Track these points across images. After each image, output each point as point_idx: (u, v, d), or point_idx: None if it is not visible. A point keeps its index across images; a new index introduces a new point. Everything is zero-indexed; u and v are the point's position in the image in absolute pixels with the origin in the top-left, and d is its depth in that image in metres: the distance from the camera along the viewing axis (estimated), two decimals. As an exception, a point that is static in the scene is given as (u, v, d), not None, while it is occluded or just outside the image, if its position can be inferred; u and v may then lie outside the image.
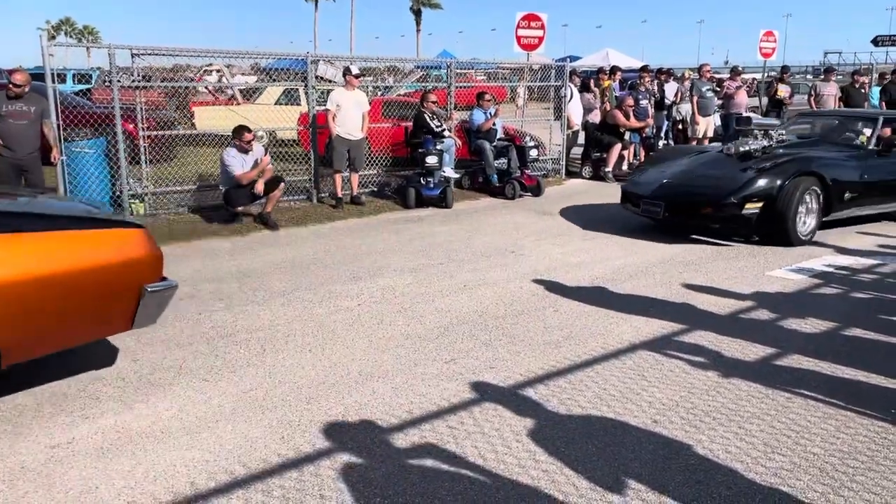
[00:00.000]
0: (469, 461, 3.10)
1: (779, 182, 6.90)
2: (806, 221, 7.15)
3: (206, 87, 15.48)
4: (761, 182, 6.92)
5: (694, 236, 7.44)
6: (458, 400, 3.70)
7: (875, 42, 20.44)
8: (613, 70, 13.44)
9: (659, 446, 3.22)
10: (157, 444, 3.26)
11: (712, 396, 3.73)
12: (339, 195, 9.15)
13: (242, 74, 18.94)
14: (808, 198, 7.06)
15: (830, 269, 6.26)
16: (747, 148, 7.56)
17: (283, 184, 8.16)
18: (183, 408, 3.62)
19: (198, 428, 3.41)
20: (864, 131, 8.02)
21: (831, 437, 3.31)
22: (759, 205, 6.87)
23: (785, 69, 14.58)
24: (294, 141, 11.43)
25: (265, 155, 8.10)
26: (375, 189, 10.20)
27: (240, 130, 7.91)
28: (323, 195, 9.59)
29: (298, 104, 12.87)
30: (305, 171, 9.71)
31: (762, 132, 7.94)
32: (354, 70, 9.07)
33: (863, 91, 13.83)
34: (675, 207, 7.20)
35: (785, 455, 3.15)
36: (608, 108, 12.20)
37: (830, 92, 13.62)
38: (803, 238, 7.02)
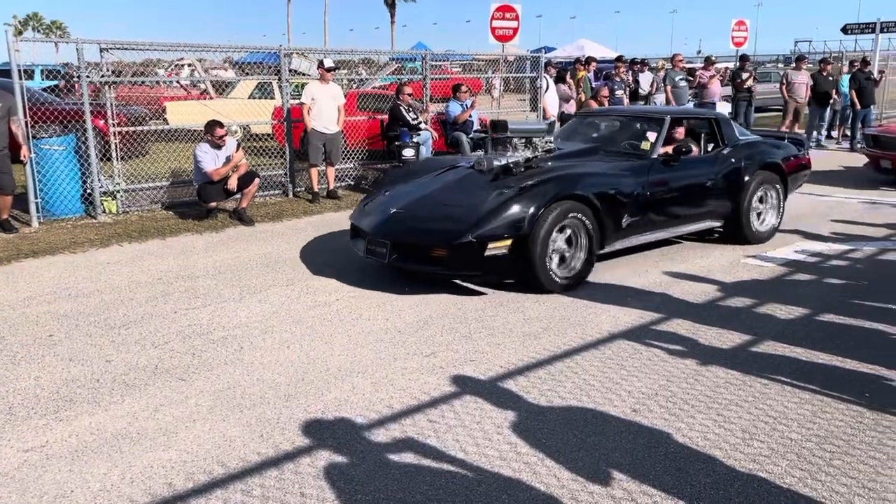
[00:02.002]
0: (450, 455, 3.09)
1: (531, 210, 5.12)
2: (569, 261, 5.45)
3: (178, 82, 15.27)
4: (510, 211, 5.11)
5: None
6: (438, 393, 3.68)
7: (845, 30, 20.65)
8: (589, 61, 13.47)
9: (639, 435, 3.24)
10: (133, 445, 3.21)
11: (690, 384, 3.76)
12: (316, 189, 9.08)
13: (215, 69, 18.70)
14: (570, 230, 5.40)
15: (804, 256, 6.33)
16: (503, 162, 5.73)
17: (257, 179, 8.07)
18: (159, 408, 3.57)
19: (175, 428, 3.36)
20: (648, 136, 6.38)
21: (808, 422, 3.34)
22: (508, 243, 5.07)
23: (744, 58, 14.72)
24: (268, 135, 11.33)
25: (238, 150, 7.99)
26: (352, 183, 10.14)
27: (212, 126, 7.80)
28: (299, 189, 9.50)
29: (272, 98, 12.74)
30: (280, 166, 9.62)
31: (523, 140, 6.26)
32: (328, 63, 8.99)
33: (830, 79, 14.01)
34: (404, 249, 5.31)
35: (763, 441, 3.18)
36: (583, 98, 12.23)
37: (802, 80, 13.79)
38: (562, 282, 5.33)
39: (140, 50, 8.53)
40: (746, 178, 6.55)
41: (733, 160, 6.57)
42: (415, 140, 9.32)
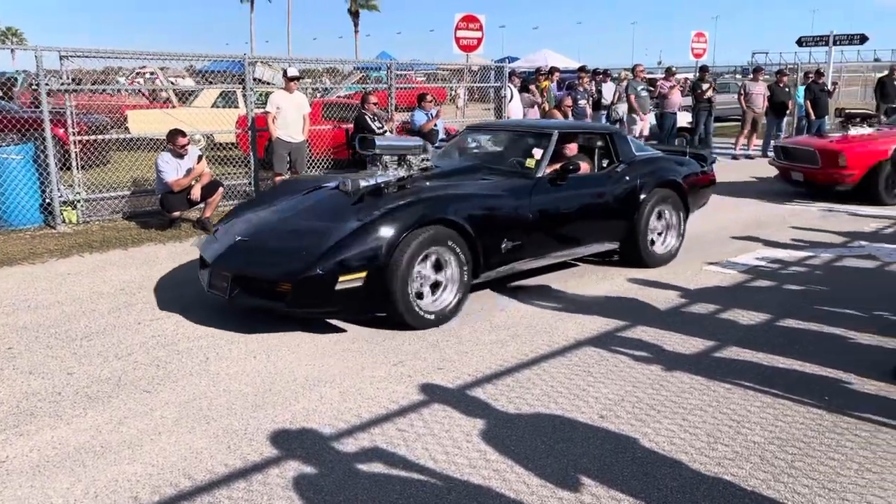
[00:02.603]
0: (420, 464, 3.08)
1: (390, 237, 4.54)
2: (439, 293, 4.91)
3: (140, 90, 15.04)
4: (365, 238, 4.51)
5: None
6: (406, 402, 3.68)
7: (799, 42, 21.24)
8: (551, 71, 13.62)
9: (606, 441, 3.28)
10: (97, 459, 3.14)
11: (656, 390, 3.81)
12: (281, 199, 9.00)
13: (178, 77, 18.48)
14: (438, 258, 4.86)
15: (765, 263, 6.48)
16: (372, 182, 5.13)
17: (221, 188, 7.99)
18: (123, 421, 3.50)
19: (139, 441, 3.30)
20: (534, 152, 5.84)
21: (770, 425, 3.42)
22: (362, 275, 4.46)
23: (703, 68, 15.05)
24: (232, 144, 11.23)
25: (200, 160, 7.90)
26: (318, 192, 10.07)
27: (174, 135, 7.71)
28: (264, 199, 9.40)
29: (236, 107, 12.63)
30: (245, 175, 9.53)
31: (396, 158, 5.50)
32: (292, 72, 8.96)
33: (786, 90, 14.40)
34: (246, 283, 4.64)
35: (727, 445, 3.24)
36: (547, 108, 12.36)
37: (759, 91, 14.13)
38: (430, 317, 4.77)
39: (101, 57, 8.40)
40: (642, 197, 6.09)
41: (628, 178, 6.09)
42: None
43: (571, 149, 6.23)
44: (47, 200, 7.93)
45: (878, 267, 6.31)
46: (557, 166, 5.71)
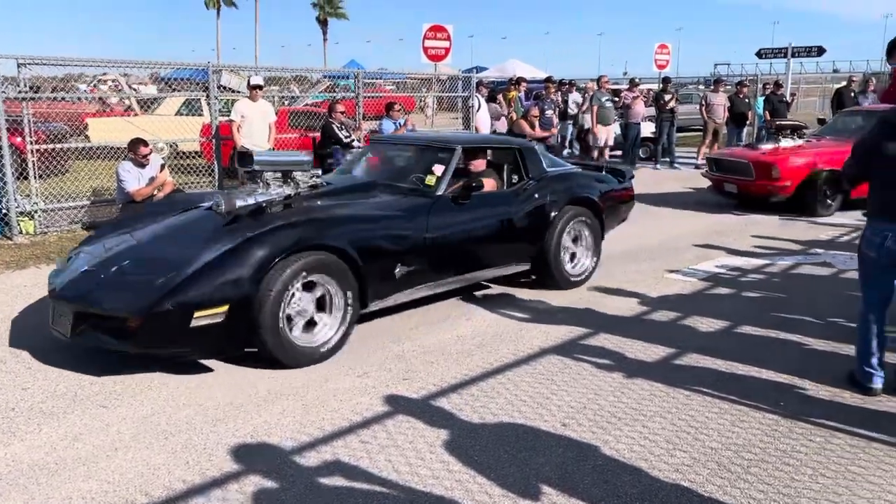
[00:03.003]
0: (382, 476, 3.07)
1: (257, 265, 4.02)
2: (320, 326, 4.41)
3: (101, 98, 14.80)
4: (229, 267, 3.98)
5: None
6: (371, 414, 3.67)
7: (759, 54, 21.73)
8: (519, 80, 13.73)
9: (568, 449, 3.30)
10: (52, 476, 3.07)
11: (617, 397, 3.85)
12: (246, 208, 8.92)
13: (141, 84, 18.23)
14: (316, 286, 4.34)
15: (724, 271, 6.59)
16: (251, 201, 4.64)
17: (185, 198, 7.88)
18: (79, 437, 3.43)
19: (95, 457, 3.24)
20: (434, 169, 5.40)
21: (727, 431, 3.48)
22: (223, 309, 3.94)
23: (666, 80, 15.33)
24: (196, 153, 11.09)
25: (163, 169, 7.79)
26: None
27: (135, 144, 7.58)
28: (229, 208, 9.31)
29: (201, 115, 12.49)
30: (209, 184, 9.42)
31: (279, 176, 4.99)
32: (256, 81, 8.90)
33: (746, 101, 14.72)
34: (90, 319, 4.04)
35: (686, 451, 3.29)
36: (514, 118, 12.45)
37: (720, 101, 14.40)
38: (311, 352, 4.32)
39: (61, 65, 8.25)
40: (553, 215, 5.76)
41: (537, 195, 5.75)
42: (347, 158, 9.28)
43: (477, 165, 5.91)
44: (3, 211, 7.76)
45: (833, 274, 6.47)
46: (460, 184, 5.34)
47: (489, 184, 5.73)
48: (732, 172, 9.72)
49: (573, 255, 6.09)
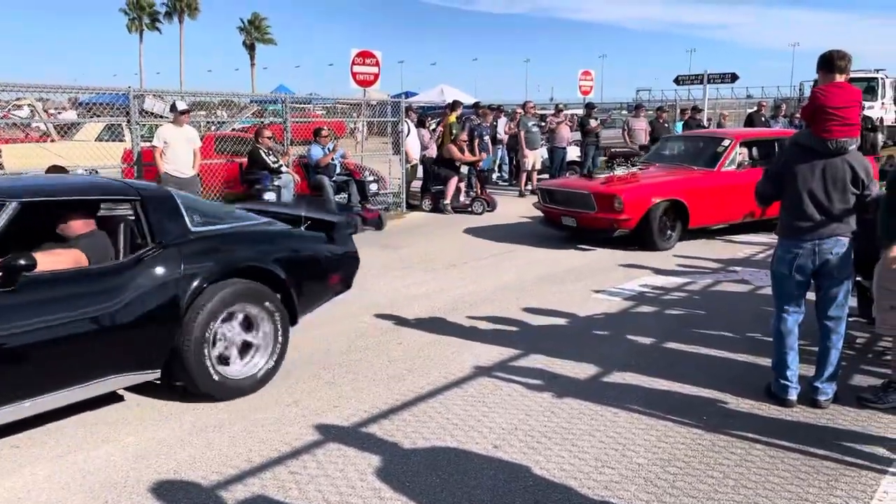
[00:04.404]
0: (312, 506, 3.00)
1: None
2: None
3: (15, 123, 14.19)
4: None
5: (532, 256, 7.78)
6: (300, 443, 3.59)
7: (677, 81, 22.71)
8: (454, 105, 13.89)
9: (500, 471, 3.31)
10: (-45, 525, 2.88)
11: (548, 417, 3.89)
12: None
13: (61, 109, 17.58)
14: None
15: (647, 290, 6.78)
16: None
17: (106, 225, 7.60)
18: (-13, 481, 3.23)
19: (5, 500, 3.05)
20: None
21: (653, 446, 3.55)
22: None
23: (590, 105, 15.81)
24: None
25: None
26: (210, 228, 9.78)
27: (53, 171, 7.29)
28: (152, 236, 9.04)
29: (122, 140, 12.12)
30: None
31: None
32: (181, 106, 8.71)
33: (666, 125, 15.30)
34: None
35: (614, 468, 3.34)
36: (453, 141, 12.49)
37: (641, 126, 14.92)
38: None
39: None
40: (189, 298, 3.93)
41: (165, 268, 3.90)
42: (275, 184, 9.19)
43: (72, 227, 4.06)
44: None
45: (750, 290, 6.73)
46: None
47: (68, 257, 3.87)
48: (570, 205, 8.97)
49: (246, 347, 4.29)
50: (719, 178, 9.09)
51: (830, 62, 3.88)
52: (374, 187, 10.67)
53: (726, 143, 9.49)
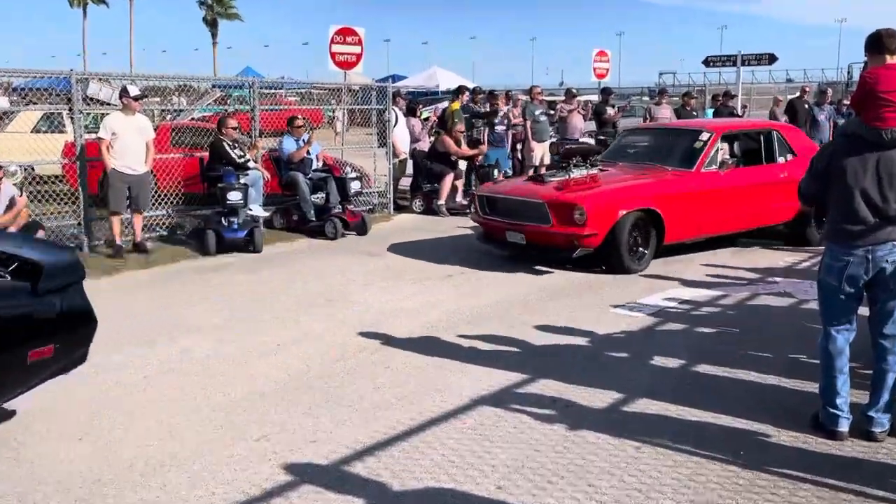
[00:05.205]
0: (286, 558, 2.99)
1: None
2: None
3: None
4: None
5: (537, 268, 7.79)
6: (271, 485, 3.58)
7: (706, 62, 22.83)
8: (459, 90, 13.91)
9: (504, 516, 3.30)
10: None
11: (559, 453, 3.89)
12: (119, 242, 8.68)
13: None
14: None
15: (674, 304, 6.79)
16: None
17: (42, 231, 7.62)
18: None
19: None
20: None
21: (682, 487, 3.55)
22: None
23: (606, 91, 15.88)
24: (58, 177, 10.71)
25: (21, 195, 7.52)
26: (165, 233, 9.79)
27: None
28: (97, 243, 9.05)
29: (63, 131, 12.11)
30: (73, 214, 9.11)
31: None
32: (133, 91, 8.72)
33: (694, 113, 15.36)
34: None
35: (637, 512, 3.34)
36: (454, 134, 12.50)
37: (664, 115, 14.97)
38: None
39: None
40: None
41: None
42: (242, 181, 9.17)
43: None
44: None
45: (792, 305, 6.76)
46: None
47: None
48: (516, 216, 8.17)
49: None
50: (700, 181, 8.46)
51: (879, 42, 3.90)
52: (356, 185, 10.63)
53: (705, 136, 8.81)
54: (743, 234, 9.20)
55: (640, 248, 8.00)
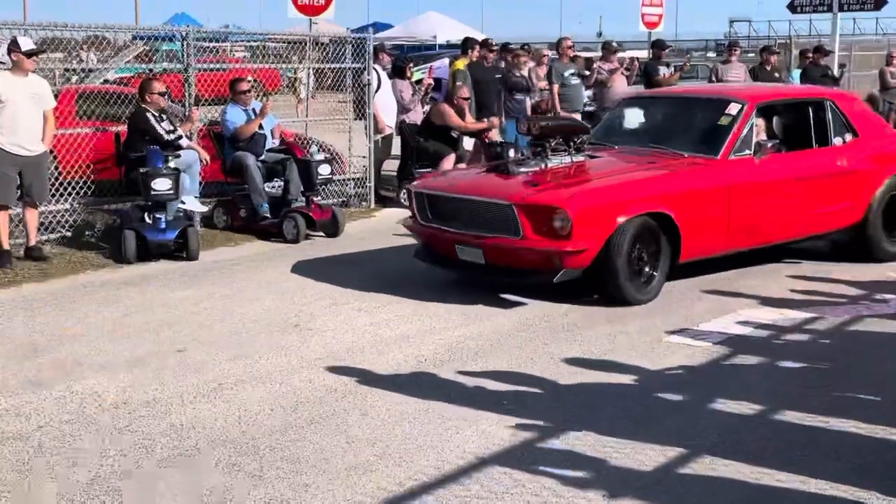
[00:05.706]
0: None
1: None
2: None
3: None
4: None
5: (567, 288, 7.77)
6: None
7: (792, 7, 22.81)
8: (467, 43, 13.94)
9: None
10: None
11: (596, 530, 3.90)
12: (6, 247, 8.70)
13: None
14: None
15: (750, 330, 6.79)
16: None
17: None
18: None
19: None
20: None
21: (760, 576, 3.56)
22: None
23: (659, 45, 15.82)
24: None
25: None
26: (68, 234, 9.81)
27: None
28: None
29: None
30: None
31: None
32: (25, 44, 8.72)
33: (776, 75, 15.30)
34: None
35: None
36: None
37: (737, 76, 14.96)
38: None
39: None
40: None
41: None
42: (171, 165, 9.15)
43: None
44: None
45: (908, 331, 6.77)
46: None
47: None
48: (471, 224, 7.74)
49: None
50: (728, 173, 8.10)
51: None
52: (325, 170, 10.61)
53: (735, 108, 8.33)
54: (780, 247, 8.82)
55: (647, 269, 7.60)
